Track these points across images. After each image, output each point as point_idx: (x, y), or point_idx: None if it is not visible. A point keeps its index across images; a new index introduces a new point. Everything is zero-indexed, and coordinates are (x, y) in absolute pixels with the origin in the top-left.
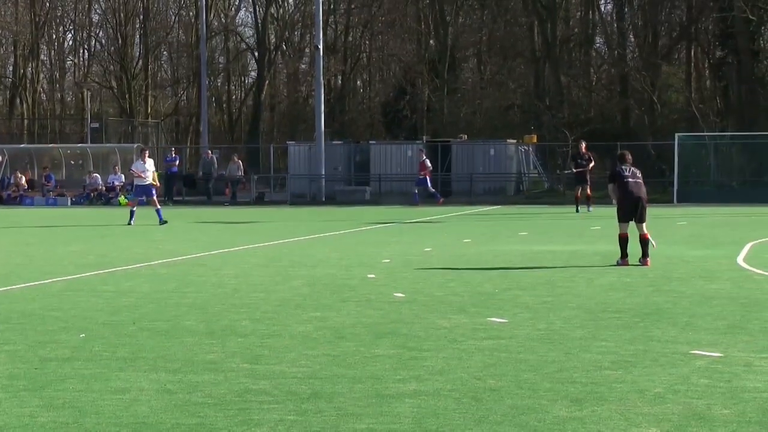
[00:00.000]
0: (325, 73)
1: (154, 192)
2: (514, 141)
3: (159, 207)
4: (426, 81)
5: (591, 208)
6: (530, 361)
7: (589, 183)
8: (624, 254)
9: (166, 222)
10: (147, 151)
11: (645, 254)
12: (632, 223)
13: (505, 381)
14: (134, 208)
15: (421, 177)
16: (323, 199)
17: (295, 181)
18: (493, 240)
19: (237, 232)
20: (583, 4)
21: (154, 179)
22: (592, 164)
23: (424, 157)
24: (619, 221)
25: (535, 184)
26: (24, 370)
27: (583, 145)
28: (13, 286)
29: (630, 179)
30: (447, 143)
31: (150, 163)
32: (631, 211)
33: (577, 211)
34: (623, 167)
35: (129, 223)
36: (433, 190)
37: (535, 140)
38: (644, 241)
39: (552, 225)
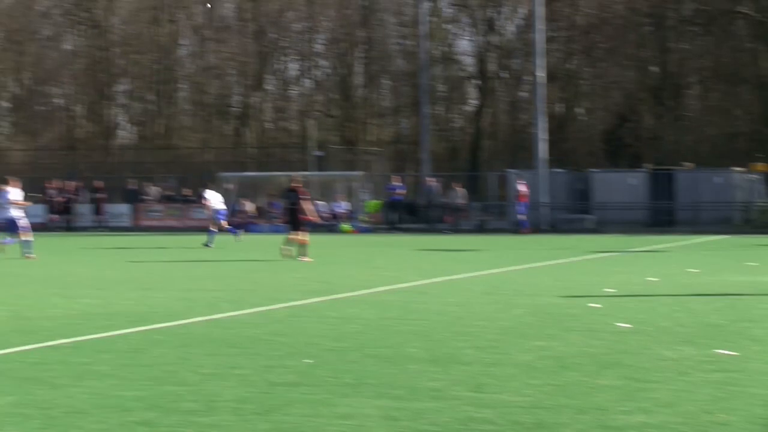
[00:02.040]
0: (545, 100)
1: (17, 224)
2: (741, 169)
3: (9, 240)
4: (648, 108)
5: None
6: (763, 395)
7: None
8: None
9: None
10: (10, 182)
11: None
12: None
13: (736, 415)
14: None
15: (520, 204)
16: (545, 228)
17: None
18: (720, 270)
19: (459, 259)
20: None
21: (17, 209)
22: None
23: (522, 184)
24: None
25: (763, 213)
26: (253, 393)
27: None
28: (242, 312)
29: None
30: (670, 172)
31: (14, 193)
32: None
33: None
34: None
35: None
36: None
37: (763, 169)
38: None
39: None
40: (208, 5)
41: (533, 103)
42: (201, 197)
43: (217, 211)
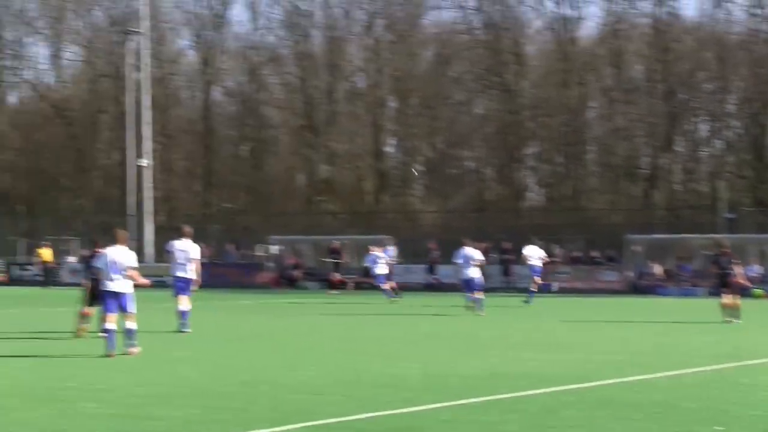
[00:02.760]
0: None
1: (474, 282)
2: None
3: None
4: None
5: None
6: None
7: None
8: None
9: None
10: (468, 243)
11: None
12: None
13: None
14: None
15: None
16: None
17: None
18: None
19: None
20: None
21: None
22: None
23: None
24: None
25: None
26: None
27: None
28: (649, 375)
29: None
30: None
31: (477, 253)
32: None
33: None
34: None
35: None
36: None
37: None
38: None
39: None
40: (415, 172)
41: None
42: (521, 252)
43: (532, 268)
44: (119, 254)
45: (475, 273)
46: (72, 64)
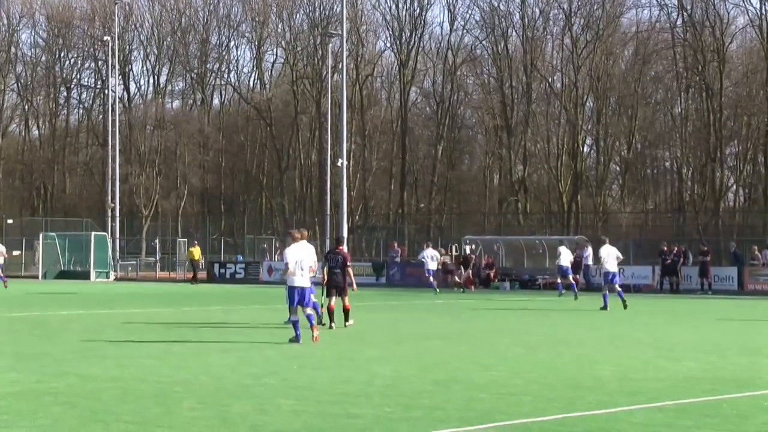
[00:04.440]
0: None
1: None
2: None
3: None
4: None
5: None
6: None
7: None
8: None
9: None
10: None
11: None
12: None
13: None
14: None
15: None
16: None
17: None
18: None
19: None
20: None
21: None
22: None
23: None
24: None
25: None
26: None
27: None
28: None
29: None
30: None
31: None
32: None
33: None
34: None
35: None
36: None
37: None
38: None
39: None
40: None
41: None
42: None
43: (561, 266)
44: (302, 252)
45: (614, 267)
46: (273, 66)
